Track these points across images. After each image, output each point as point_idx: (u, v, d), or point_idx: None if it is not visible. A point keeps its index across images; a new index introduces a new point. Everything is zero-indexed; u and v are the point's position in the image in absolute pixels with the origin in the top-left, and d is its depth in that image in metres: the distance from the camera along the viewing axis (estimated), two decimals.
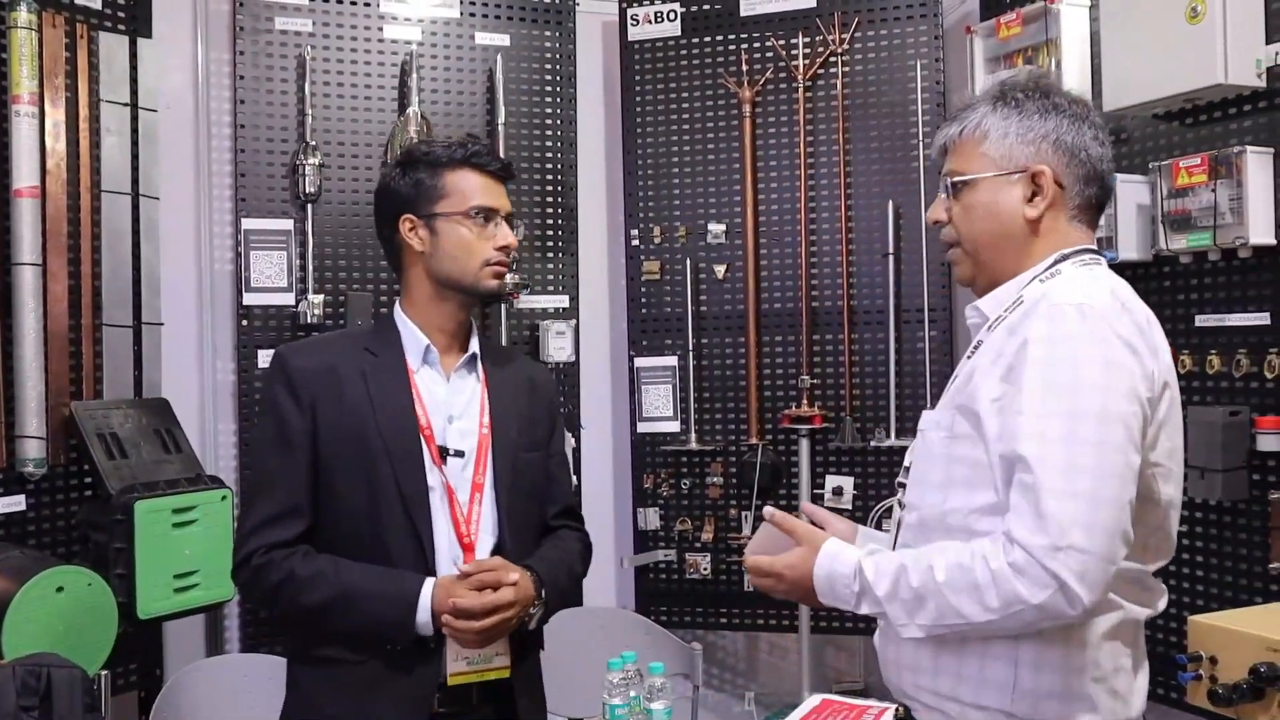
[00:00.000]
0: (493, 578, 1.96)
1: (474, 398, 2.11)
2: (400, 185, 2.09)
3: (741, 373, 3.60)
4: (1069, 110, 1.67)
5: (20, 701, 2.19)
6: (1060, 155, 1.66)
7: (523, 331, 3.56)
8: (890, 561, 1.56)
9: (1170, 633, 2.77)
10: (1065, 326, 1.49)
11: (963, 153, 1.71)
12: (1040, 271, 1.64)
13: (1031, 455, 1.45)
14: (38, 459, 2.75)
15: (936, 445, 1.62)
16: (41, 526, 2.81)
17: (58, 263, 2.84)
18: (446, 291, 2.08)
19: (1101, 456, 1.44)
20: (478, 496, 2.05)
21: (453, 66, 3.50)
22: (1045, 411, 1.46)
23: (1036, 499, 1.43)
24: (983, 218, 1.68)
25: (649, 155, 3.69)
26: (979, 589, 1.46)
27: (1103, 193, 1.70)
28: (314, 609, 1.96)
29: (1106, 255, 2.70)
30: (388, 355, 2.07)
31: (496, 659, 2.02)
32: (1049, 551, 1.41)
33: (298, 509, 2.00)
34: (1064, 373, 1.47)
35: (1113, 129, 2.88)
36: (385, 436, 2.00)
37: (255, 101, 3.29)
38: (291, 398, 2.01)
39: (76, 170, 2.90)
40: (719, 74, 3.62)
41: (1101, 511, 1.43)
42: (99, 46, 2.96)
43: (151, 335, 3.06)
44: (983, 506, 1.54)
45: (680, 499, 3.64)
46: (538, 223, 3.60)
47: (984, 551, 1.47)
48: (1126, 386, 1.48)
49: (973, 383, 1.57)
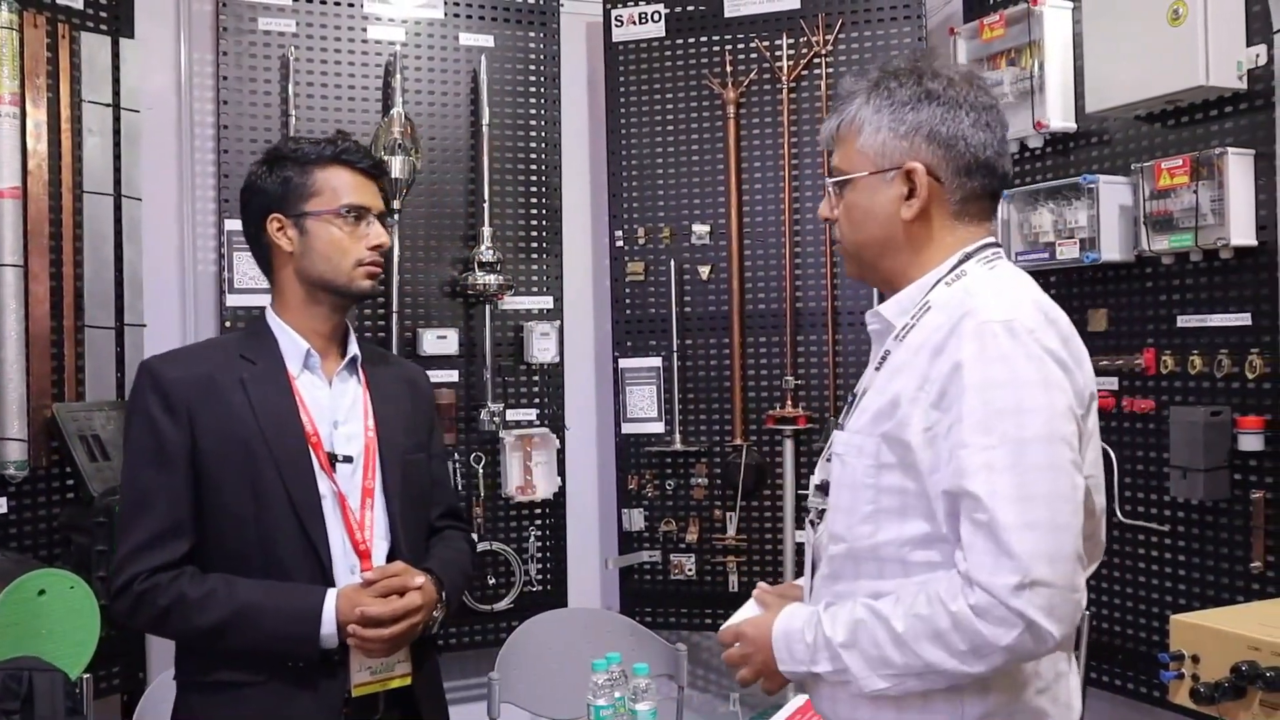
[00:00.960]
0: (398, 583, 1.92)
1: (357, 401, 2.06)
2: (267, 183, 2.02)
3: (726, 374, 3.60)
4: (944, 96, 1.56)
5: (2, 705, 2.18)
6: (935, 148, 1.56)
7: (507, 333, 3.55)
8: (845, 610, 1.50)
9: (1152, 632, 2.79)
10: (997, 347, 1.42)
11: (842, 148, 1.63)
12: (944, 274, 1.57)
13: (981, 491, 1.37)
14: (19, 461, 2.73)
15: (862, 474, 1.53)
16: (23, 529, 2.79)
17: (39, 264, 2.83)
18: (319, 293, 2.01)
19: (1054, 481, 1.39)
20: (369, 501, 2.00)
21: (437, 67, 3.50)
22: (989, 441, 1.39)
23: (993, 536, 1.36)
24: (861, 220, 1.61)
25: (633, 156, 3.69)
26: (941, 635, 1.39)
27: (993, 181, 1.60)
28: (209, 631, 1.88)
29: (1088, 257, 2.75)
30: (266, 362, 1.99)
31: (399, 667, 1.98)
32: (1012, 591, 1.34)
33: (180, 528, 1.91)
34: (1003, 397, 1.40)
35: (1095, 130, 2.90)
36: (271, 446, 1.93)
37: (238, 102, 3.28)
38: (167, 412, 1.92)
39: (58, 171, 2.88)
40: (703, 75, 3.63)
41: (1060, 539, 1.37)
42: (81, 46, 2.95)
43: (134, 337, 3.05)
44: (916, 538, 1.48)
45: (665, 500, 3.64)
46: (522, 224, 3.60)
47: (941, 596, 1.40)
48: (1064, 405, 1.44)
49: (900, 410, 1.48)
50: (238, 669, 1.91)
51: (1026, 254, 2.95)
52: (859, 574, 1.54)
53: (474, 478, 3.48)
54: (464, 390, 3.48)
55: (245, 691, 1.91)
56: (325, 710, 1.91)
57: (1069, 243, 2.82)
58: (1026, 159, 3.12)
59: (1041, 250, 2.91)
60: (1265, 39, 2.50)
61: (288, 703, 1.90)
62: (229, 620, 1.88)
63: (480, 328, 3.47)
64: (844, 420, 1.61)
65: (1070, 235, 2.83)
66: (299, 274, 2.02)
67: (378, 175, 2.08)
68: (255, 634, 1.88)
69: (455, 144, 3.51)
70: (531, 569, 3.55)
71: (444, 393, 3.43)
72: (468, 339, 3.49)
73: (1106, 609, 2.91)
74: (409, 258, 3.42)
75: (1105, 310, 2.89)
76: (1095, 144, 2.93)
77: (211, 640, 1.90)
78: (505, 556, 3.52)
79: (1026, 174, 3.12)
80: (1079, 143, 2.97)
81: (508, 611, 3.49)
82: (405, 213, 3.39)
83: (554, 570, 3.60)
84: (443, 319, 3.47)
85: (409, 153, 3.33)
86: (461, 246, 3.50)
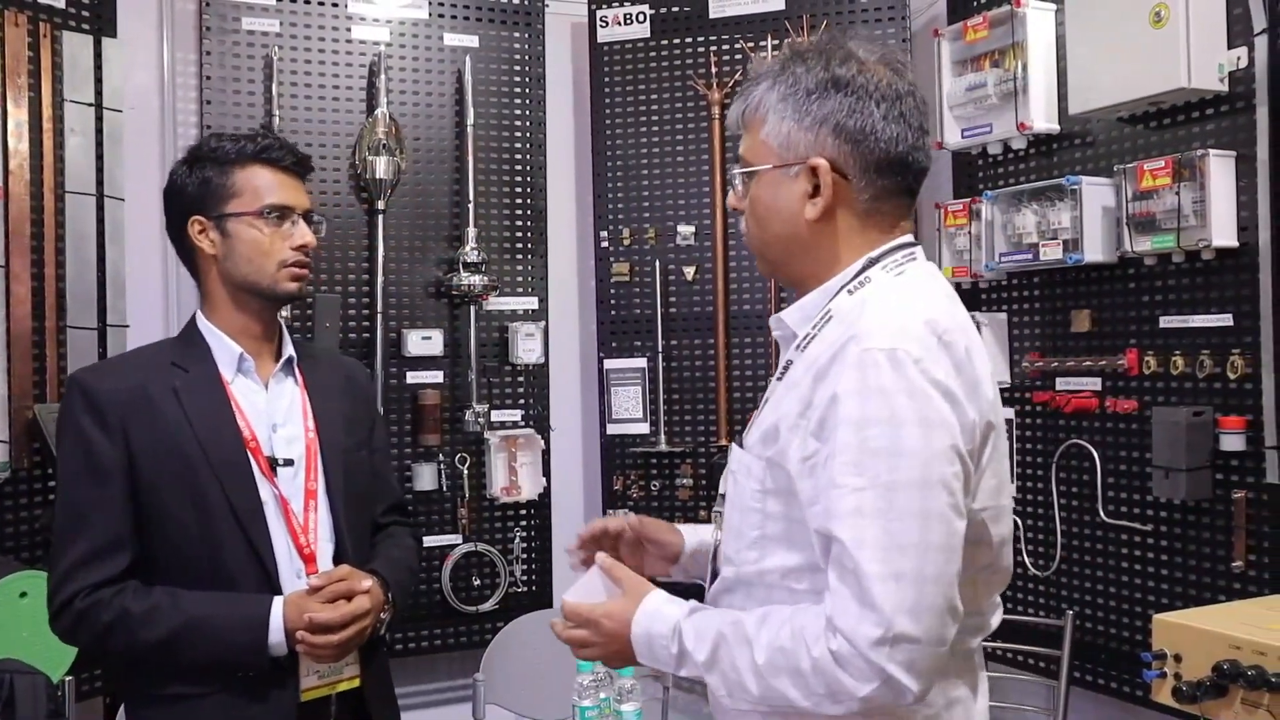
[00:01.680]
0: (345, 588, 1.90)
1: (295, 402, 2.02)
2: (188, 184, 1.97)
3: (711, 374, 3.60)
4: (853, 84, 1.43)
5: None
6: (841, 143, 1.43)
7: (492, 333, 3.55)
8: (710, 625, 1.41)
9: (1135, 631, 2.80)
10: (878, 378, 1.31)
11: (748, 136, 1.51)
12: (848, 281, 1.45)
13: (847, 537, 1.29)
14: (1, 463, 2.72)
15: (749, 497, 1.45)
16: (4, 531, 2.78)
17: (21, 264, 2.81)
18: (244, 295, 1.97)
19: (925, 530, 1.29)
20: (312, 504, 1.98)
21: (421, 67, 3.49)
22: (860, 483, 1.29)
23: (857, 584, 1.28)
24: (764, 216, 1.50)
25: (618, 157, 3.69)
26: (801, 675, 1.32)
27: (906, 178, 1.47)
28: (155, 645, 1.85)
29: (1071, 258, 2.76)
30: (199, 369, 1.95)
31: (347, 669, 1.96)
32: (873, 644, 1.26)
33: (119, 542, 1.87)
34: (878, 436, 1.30)
35: (1078, 131, 2.91)
36: (209, 454, 1.89)
37: (222, 102, 3.27)
38: (99, 426, 1.87)
39: (40, 171, 2.86)
40: (688, 76, 3.63)
41: (927, 592, 1.28)
42: (63, 46, 2.93)
43: (116, 338, 3.03)
44: (799, 566, 1.41)
45: (650, 500, 3.64)
46: (506, 224, 3.60)
47: (805, 635, 1.32)
48: (946, 445, 1.32)
49: (781, 437, 1.40)
50: (187, 681, 1.88)
51: (1010, 255, 2.95)
52: (749, 596, 1.47)
53: (459, 478, 3.47)
54: (449, 391, 3.47)
55: (196, 703, 1.88)
56: (277, 718, 1.89)
57: (1052, 244, 2.83)
58: (1010, 160, 3.13)
59: (1025, 251, 2.92)
60: (1246, 41, 2.51)
61: (239, 713, 1.87)
62: (176, 634, 1.84)
63: (465, 328, 3.47)
64: (745, 432, 1.53)
65: (1054, 236, 2.84)
66: (223, 276, 1.97)
67: (302, 173, 2.03)
68: (203, 646, 1.85)
69: (440, 144, 3.50)
70: (517, 570, 3.55)
71: (429, 393, 3.42)
72: (452, 339, 3.48)
73: (1090, 609, 2.92)
74: (394, 258, 3.41)
75: (1089, 311, 2.90)
76: (1078, 145, 2.94)
77: (159, 655, 1.86)
78: (490, 557, 3.52)
79: (1010, 175, 3.13)
80: (1062, 144, 2.98)
81: (493, 612, 3.49)
82: (390, 213, 3.38)
83: (539, 571, 3.59)
84: (427, 319, 3.47)
85: (393, 153, 3.32)
86: (446, 247, 3.49)
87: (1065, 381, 2.96)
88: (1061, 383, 2.97)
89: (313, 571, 1.94)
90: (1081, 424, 2.93)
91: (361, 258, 3.39)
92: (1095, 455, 2.87)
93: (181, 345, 2.01)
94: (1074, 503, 2.97)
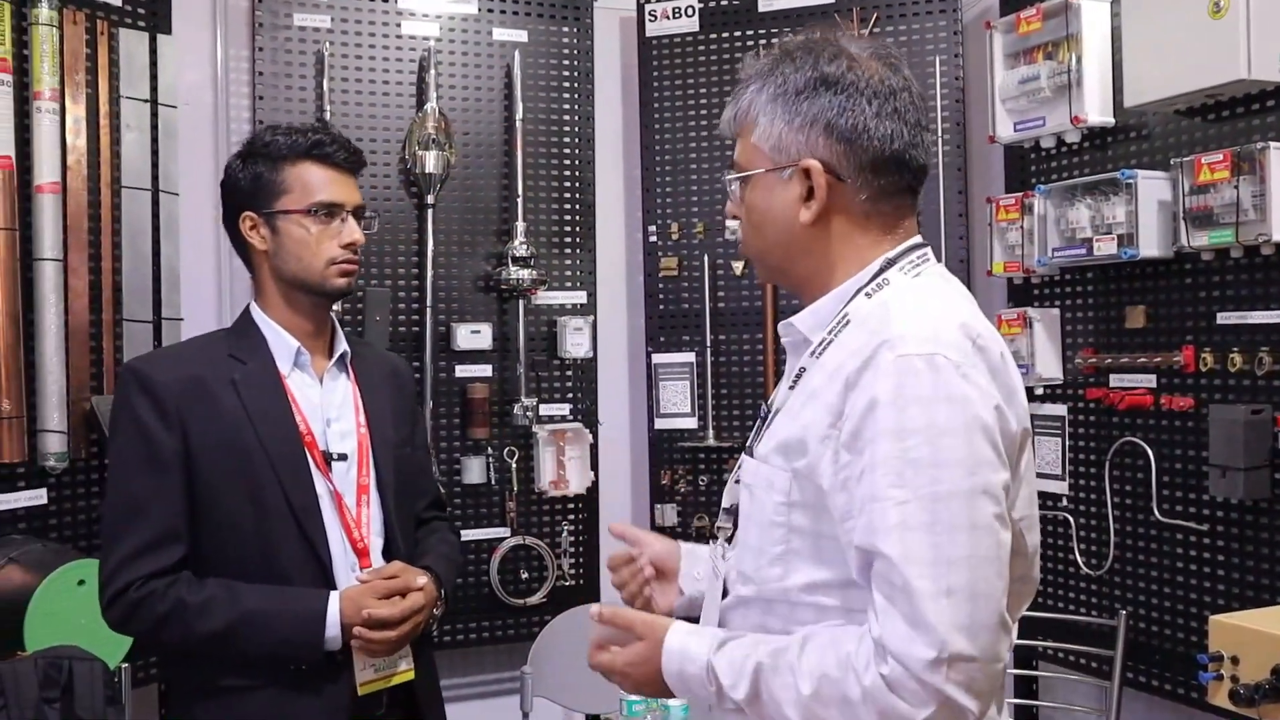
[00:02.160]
0: (401, 584, 1.92)
1: (347, 398, 2.03)
2: (241, 178, 1.98)
3: (760, 369, 3.59)
4: (842, 81, 1.38)
5: (42, 693, 2.21)
6: (834, 143, 1.38)
7: (540, 328, 3.56)
8: (745, 658, 1.34)
9: (1190, 632, 2.76)
10: (917, 386, 1.25)
11: (740, 140, 1.47)
12: (865, 283, 1.40)
13: (894, 553, 1.23)
14: (59, 453, 2.76)
15: (771, 511, 1.38)
16: (63, 520, 2.82)
17: (78, 258, 2.85)
18: (295, 291, 1.98)
19: (973, 543, 1.24)
20: (364, 499, 1.99)
21: (470, 62, 3.50)
22: (903, 496, 1.24)
23: (908, 604, 1.22)
24: (760, 223, 1.45)
25: (667, 151, 3.68)
26: (851, 705, 1.25)
27: (906, 175, 1.42)
28: (210, 637, 1.85)
29: (1126, 253, 2.72)
30: (257, 361, 1.96)
31: (402, 664, 1.98)
32: (929, 666, 1.20)
33: (174, 534, 1.87)
34: (920, 446, 1.24)
35: (1134, 124, 2.87)
36: (268, 448, 1.89)
37: (274, 97, 3.30)
38: (158, 415, 1.87)
39: (97, 166, 2.91)
40: (737, 70, 3.60)
41: (980, 607, 1.23)
42: (119, 43, 2.97)
43: (171, 330, 3.07)
44: (830, 582, 1.35)
45: (698, 495, 3.63)
46: (555, 219, 3.60)
47: (853, 662, 1.26)
48: (991, 454, 1.27)
49: (810, 449, 1.33)
50: (240, 674, 1.89)
51: (1063, 250, 2.92)
52: (769, 612, 1.41)
53: (507, 472, 3.49)
54: (497, 385, 3.49)
55: (248, 696, 1.89)
56: (330, 711, 1.90)
57: (1107, 239, 2.79)
58: (1063, 154, 3.09)
59: (1079, 246, 2.88)
60: None
61: (291, 706, 1.88)
62: (232, 626, 1.85)
63: (514, 322, 3.48)
64: (754, 442, 1.47)
65: (1108, 231, 2.80)
66: (274, 272, 1.98)
67: (355, 169, 2.02)
68: (259, 639, 1.86)
69: (489, 139, 3.52)
70: (564, 563, 3.56)
71: (477, 387, 3.44)
72: (501, 334, 3.50)
73: (1144, 609, 2.88)
74: (443, 252, 3.43)
75: (1143, 307, 2.86)
76: (1134, 139, 2.90)
77: (213, 647, 1.87)
78: (538, 551, 3.53)
79: (1063, 169, 3.09)
80: (1117, 137, 2.94)
81: (540, 606, 3.50)
82: (439, 207, 3.40)
83: (587, 565, 3.60)
84: (476, 314, 3.48)
85: (443, 148, 3.34)
86: (495, 241, 3.51)
87: (1119, 378, 2.92)
88: (1115, 379, 2.93)
89: (366, 566, 1.96)
90: (1136, 421, 2.89)
91: (411, 252, 3.41)
92: (1150, 453, 2.83)
93: (236, 337, 2.02)
94: (1128, 501, 2.93)
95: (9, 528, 2.72)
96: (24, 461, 2.72)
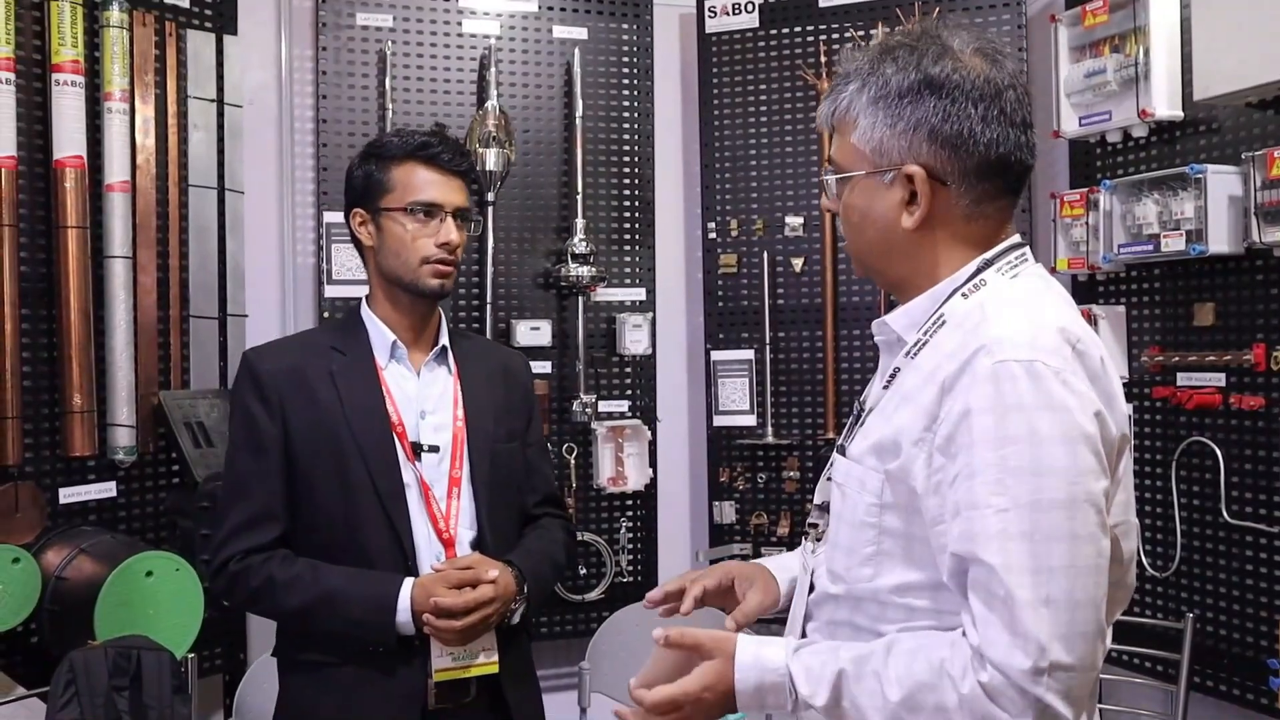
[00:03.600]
0: (470, 575, 1.95)
1: (446, 391, 2.09)
2: (355, 177, 2.07)
3: (819, 366, 3.57)
4: (948, 85, 1.35)
5: (112, 681, 2.26)
6: (938, 149, 1.36)
7: (599, 324, 3.57)
8: (824, 664, 1.33)
9: (1260, 636, 2.70)
10: (1015, 394, 1.24)
11: (838, 138, 1.45)
12: (962, 284, 1.38)
13: (995, 561, 1.23)
14: (128, 447, 2.82)
15: (863, 512, 1.38)
16: (132, 512, 2.88)
17: (147, 255, 2.91)
18: (394, 289, 2.05)
19: (1073, 552, 1.23)
20: (455, 491, 2.03)
21: (531, 60, 3.52)
22: (1003, 504, 1.23)
23: (1008, 613, 1.22)
24: (859, 225, 1.44)
25: (726, 148, 3.67)
26: (945, 711, 1.25)
27: (1008, 178, 1.39)
28: (293, 612, 1.97)
29: (1194, 249, 2.67)
30: (355, 353, 2.05)
31: (483, 655, 2.00)
32: (1029, 676, 1.20)
33: (272, 513, 1.99)
34: (1019, 454, 1.23)
35: (1203, 118, 2.81)
36: (357, 436, 1.98)
37: (337, 96, 3.34)
38: (261, 402, 2.00)
39: (165, 165, 2.96)
40: (797, 66, 3.59)
41: (1079, 616, 1.23)
42: (186, 44, 3.02)
43: (236, 327, 3.12)
44: (920, 584, 1.35)
45: (756, 493, 3.62)
46: (614, 216, 3.61)
47: (949, 668, 1.25)
48: (1091, 462, 1.26)
49: (904, 452, 1.33)
50: (324, 650, 1.98)
51: (1129, 246, 2.87)
52: (858, 610, 1.41)
53: (566, 468, 3.50)
54: (556, 381, 3.50)
55: (331, 672, 1.98)
56: (404, 695, 1.96)
57: (1174, 235, 2.74)
58: (1130, 149, 3.03)
59: (1145, 242, 2.83)
60: None
61: (369, 685, 1.96)
62: (311, 604, 1.94)
63: (573, 319, 3.49)
64: (846, 440, 1.47)
65: (1176, 227, 2.75)
66: (378, 268, 2.07)
67: (461, 172, 2.07)
68: (336, 619, 1.94)
69: (549, 136, 3.53)
70: (623, 560, 3.56)
71: (537, 384, 3.44)
72: (560, 330, 3.51)
73: (1212, 612, 2.82)
74: (503, 249, 3.45)
75: (1212, 304, 2.80)
76: (1203, 132, 2.84)
77: (296, 622, 1.99)
78: (596, 547, 3.54)
79: (1130, 164, 3.04)
80: (1185, 131, 2.88)
81: (599, 602, 3.51)
82: (499, 205, 3.42)
83: (645, 561, 3.61)
84: (536, 310, 3.50)
85: (503, 145, 3.35)
86: (555, 238, 3.52)
87: (1187, 377, 2.86)
88: (1183, 378, 2.87)
89: (451, 556, 2.01)
90: (1204, 421, 2.84)
91: (471, 249, 3.43)
92: (1218, 453, 2.77)
93: (342, 330, 2.13)
94: (1195, 502, 2.87)
95: (80, 519, 2.78)
96: (94, 455, 2.78)
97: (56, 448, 2.74)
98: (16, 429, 2.62)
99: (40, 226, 2.71)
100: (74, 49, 2.71)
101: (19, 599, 2.49)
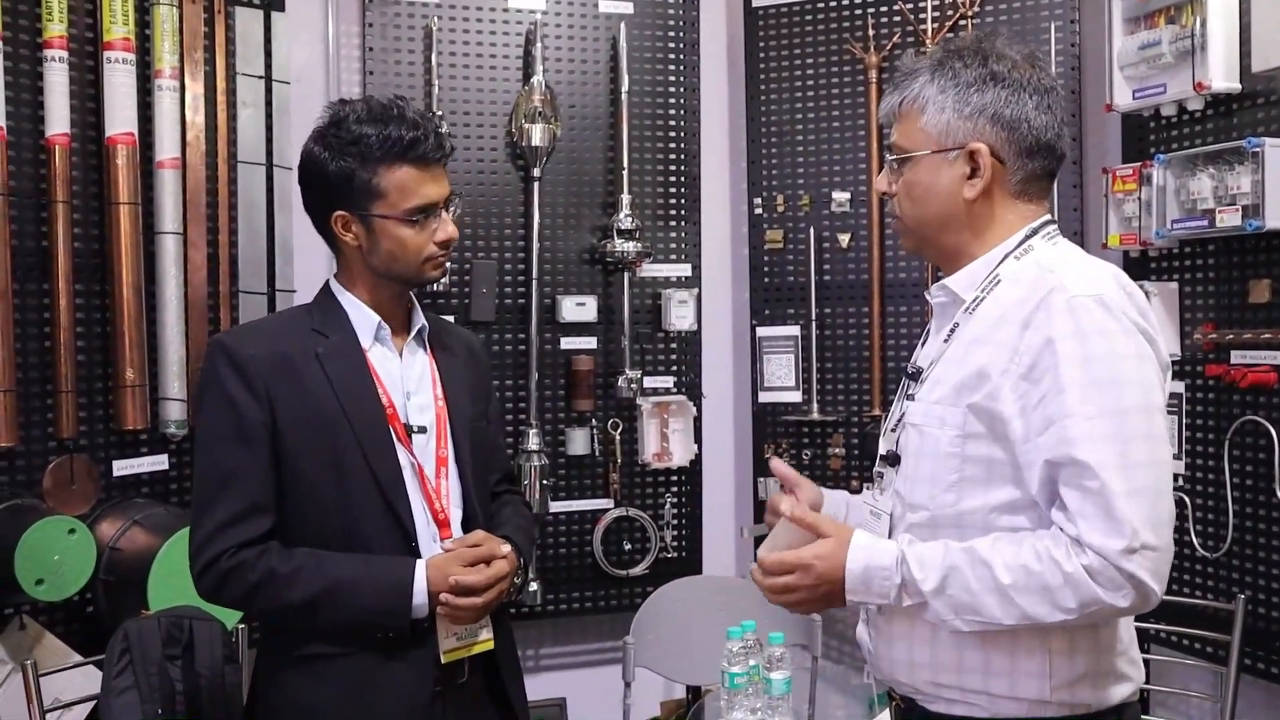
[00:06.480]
0: (485, 552, 1.94)
1: (425, 372, 2.05)
2: (330, 173, 1.95)
3: (865, 343, 3.55)
4: (1008, 79, 1.63)
5: (165, 650, 2.29)
6: (999, 130, 1.62)
7: (645, 300, 3.56)
8: (936, 555, 1.55)
9: None
10: (1092, 321, 1.50)
11: (904, 125, 1.69)
12: (1012, 248, 1.64)
13: (1091, 459, 1.45)
14: (179, 420, 2.86)
15: (946, 444, 1.59)
16: (183, 485, 2.92)
17: (197, 231, 2.94)
18: (385, 281, 2.00)
19: (1152, 450, 1.48)
20: (443, 471, 2.01)
21: (576, 35, 3.51)
22: (1091, 412, 1.47)
23: (1104, 503, 1.44)
24: (922, 198, 1.67)
25: (772, 123, 3.65)
26: (1051, 592, 1.47)
27: (1052, 161, 1.68)
28: (300, 606, 1.87)
29: (1251, 225, 2.62)
30: (339, 335, 1.97)
31: (483, 632, 1.99)
32: (1125, 555, 1.43)
33: (263, 506, 1.90)
34: (1102, 370, 1.48)
35: (1261, 90, 2.76)
36: (352, 420, 1.91)
37: (383, 73, 3.35)
38: (246, 389, 1.89)
39: (214, 142, 2.99)
40: (844, 39, 3.56)
41: (1160, 504, 1.47)
42: (235, 21, 3.04)
43: (285, 302, 3.15)
44: (1002, 504, 1.56)
45: (801, 469, 3.60)
46: (660, 191, 3.60)
47: (1052, 554, 1.47)
48: (1156, 377, 1.53)
49: (990, 382, 1.55)
50: (326, 642, 1.91)
51: (1183, 221, 2.82)
52: (936, 535, 1.60)
53: (611, 444, 3.51)
54: (602, 357, 3.51)
55: (335, 663, 1.91)
56: (417, 678, 1.93)
57: (1230, 209, 2.69)
58: (1184, 122, 2.98)
59: (1200, 218, 2.78)
60: None
61: (379, 673, 1.91)
62: (320, 595, 1.87)
63: (618, 295, 3.49)
64: (914, 391, 1.69)
65: (1232, 201, 2.70)
66: (365, 263, 1.99)
67: (444, 160, 2.00)
68: (347, 608, 1.87)
69: (594, 112, 3.52)
70: (667, 535, 3.57)
71: (582, 359, 3.46)
72: (606, 306, 3.51)
73: (1264, 594, 2.79)
74: (548, 225, 3.45)
75: (1268, 281, 2.75)
76: (1261, 105, 2.78)
77: (302, 616, 1.89)
78: (641, 523, 3.55)
79: (1184, 138, 2.98)
80: (1243, 104, 2.82)
81: (643, 577, 3.52)
82: (545, 180, 3.42)
83: (689, 537, 3.61)
84: (581, 286, 3.50)
85: (549, 121, 3.35)
86: (600, 214, 3.52)
87: (1241, 354, 2.81)
88: (1237, 356, 2.82)
89: (446, 536, 1.99)
90: (1259, 399, 2.79)
91: (517, 224, 3.44)
92: (1273, 432, 2.73)
93: (319, 312, 2.03)
94: (1248, 482, 2.83)
95: (133, 491, 2.83)
96: (146, 428, 2.82)
97: (110, 421, 2.78)
98: (71, 403, 2.67)
99: (93, 203, 2.75)
100: (125, 27, 2.74)
101: (75, 569, 2.53)
